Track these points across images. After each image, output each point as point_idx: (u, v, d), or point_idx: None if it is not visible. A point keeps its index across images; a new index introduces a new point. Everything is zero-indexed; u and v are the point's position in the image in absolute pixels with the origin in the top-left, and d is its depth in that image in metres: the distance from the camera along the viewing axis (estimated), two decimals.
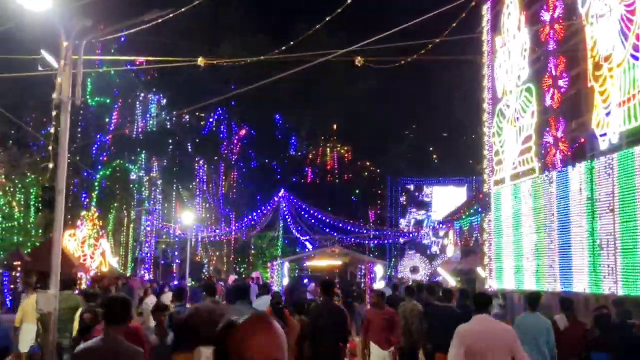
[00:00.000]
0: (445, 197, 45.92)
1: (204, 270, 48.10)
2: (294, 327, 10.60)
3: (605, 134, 17.53)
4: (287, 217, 42.35)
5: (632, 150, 16.28)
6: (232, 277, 35.36)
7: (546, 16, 21.13)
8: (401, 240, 46.47)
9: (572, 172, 19.15)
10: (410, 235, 46.26)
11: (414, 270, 45.24)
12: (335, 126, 55.65)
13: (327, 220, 42.79)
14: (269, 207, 42.21)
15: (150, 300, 18.73)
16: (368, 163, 56.73)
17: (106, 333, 4.97)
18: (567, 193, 19.41)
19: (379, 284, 38.56)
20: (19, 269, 28.15)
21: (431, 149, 54.41)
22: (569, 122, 19.90)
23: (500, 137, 24.50)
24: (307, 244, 45.86)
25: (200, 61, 13.74)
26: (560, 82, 20.18)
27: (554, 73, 20.52)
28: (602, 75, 17.75)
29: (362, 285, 40.98)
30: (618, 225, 16.89)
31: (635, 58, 16.15)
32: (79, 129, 35.90)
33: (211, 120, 47.67)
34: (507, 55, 24.09)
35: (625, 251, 16.59)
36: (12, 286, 28.10)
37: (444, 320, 12.22)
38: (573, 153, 19.78)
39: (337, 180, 55.62)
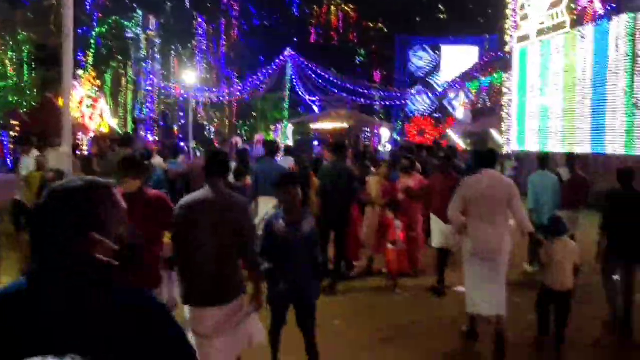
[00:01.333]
0: (455, 58, 44.05)
1: (205, 133, 47.23)
2: (315, 185, 10.26)
3: None
4: (293, 77, 40.73)
5: None
6: (237, 139, 34.47)
7: None
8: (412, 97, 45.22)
9: (610, 26, 17.66)
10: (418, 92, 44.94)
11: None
12: None
13: (335, 81, 41.21)
14: (274, 67, 40.48)
15: (157, 161, 17.79)
16: (373, 23, 54.25)
17: (212, 184, 4.86)
18: (603, 49, 18.02)
19: (386, 148, 37.82)
20: (17, 128, 27.14)
21: (440, 5, 51.74)
22: None
23: None
24: (314, 106, 44.58)
25: None
26: None
27: None
28: None
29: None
30: None
31: None
32: None
33: None
34: None
35: None
36: (12, 147, 27.22)
37: None
38: (611, 5, 18.15)
39: (342, 41, 53.42)
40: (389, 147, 38.48)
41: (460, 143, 35.62)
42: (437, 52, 46.29)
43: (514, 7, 23.78)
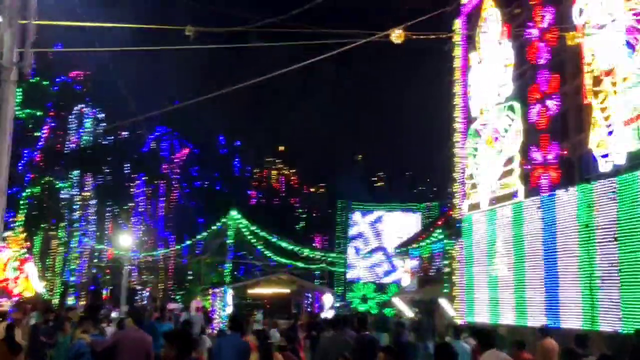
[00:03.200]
0: (397, 224, 44.22)
1: (136, 298, 44.85)
2: None
3: (607, 155, 15.94)
4: (233, 241, 39.68)
5: None
6: (174, 305, 32.55)
7: (533, 29, 19.62)
8: (351, 269, 44.43)
9: (565, 196, 17.49)
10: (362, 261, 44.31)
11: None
12: (282, 148, 53.55)
13: (278, 246, 40.36)
14: (214, 229, 39.45)
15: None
16: (314, 189, 54.75)
17: None
18: (558, 219, 17.73)
19: (328, 314, 36.32)
20: None
21: (382, 174, 52.87)
22: (560, 142, 18.31)
23: (475, 158, 22.81)
24: (254, 271, 43.27)
25: (188, 30, 11.37)
26: (550, 99, 18.62)
27: (543, 89, 18.96)
28: (603, 90, 16.21)
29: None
30: (621, 256, 15.27)
31: None
32: None
33: (152, 137, 44.87)
34: (485, 72, 22.52)
35: (630, 284, 14.95)
36: None
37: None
38: (565, 175, 18.15)
39: (282, 205, 53.38)
40: (331, 314, 37.06)
41: (407, 311, 34.49)
42: (378, 217, 46.36)
43: (462, 176, 23.83)
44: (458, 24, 24.83)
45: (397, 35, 10.68)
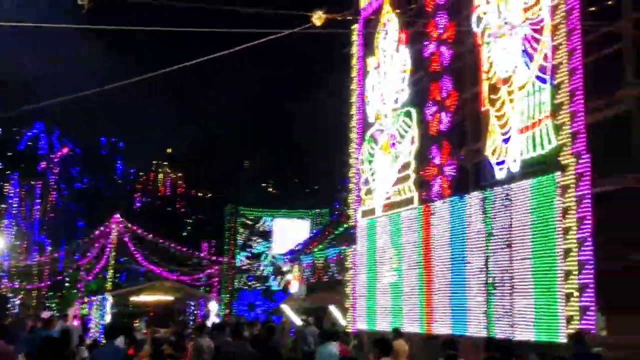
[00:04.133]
0: (288, 230, 43.61)
1: (8, 306, 41.75)
2: None
3: (502, 162, 16.06)
4: (114, 246, 37.49)
5: (537, 180, 14.85)
6: (48, 314, 30.30)
7: (431, 36, 19.65)
8: (240, 275, 43.34)
9: (460, 203, 17.53)
10: (250, 268, 43.30)
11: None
12: (169, 150, 51.78)
13: (162, 251, 38.66)
14: (95, 234, 37.25)
15: None
16: (203, 192, 53.30)
17: None
18: (453, 226, 17.74)
19: (213, 321, 35.16)
20: None
21: (272, 181, 52.20)
22: (456, 148, 18.35)
23: (371, 164, 22.62)
24: (137, 277, 41.29)
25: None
26: (447, 106, 18.66)
27: (440, 96, 19.00)
28: (499, 98, 16.36)
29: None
30: (514, 263, 15.40)
31: (542, 80, 14.85)
32: None
33: (29, 134, 41.94)
34: (383, 77, 22.43)
35: (522, 291, 15.07)
36: None
37: None
38: (461, 182, 18.18)
39: (169, 209, 51.55)
40: (216, 321, 35.90)
41: (295, 319, 33.95)
42: (268, 223, 45.54)
43: (357, 182, 23.60)
44: (356, 28, 24.65)
45: (316, 19, 10.05)
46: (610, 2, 13.45)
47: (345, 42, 25.11)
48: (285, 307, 36.00)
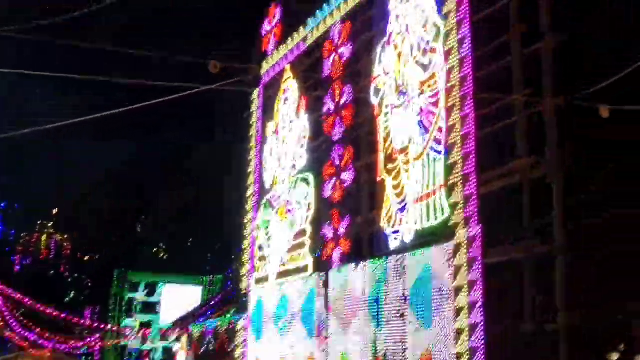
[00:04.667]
0: (178, 297, 41.96)
1: None
2: None
3: (397, 232, 16.08)
4: None
5: (430, 249, 14.90)
6: None
7: (331, 104, 19.79)
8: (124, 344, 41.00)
9: (355, 271, 17.33)
10: (134, 338, 41.09)
11: None
12: (55, 210, 49.38)
13: (42, 317, 36.13)
14: None
15: None
16: (90, 255, 50.83)
17: None
18: (348, 294, 17.47)
19: None
20: None
21: (163, 246, 50.55)
22: (352, 216, 18.26)
23: (266, 230, 22.20)
24: (10, 345, 38.24)
25: None
26: (345, 174, 18.66)
27: (337, 163, 19.00)
28: (396, 168, 16.52)
29: None
30: (407, 333, 15.21)
31: (437, 152, 15.11)
32: None
33: None
34: (282, 142, 22.31)
35: None
36: None
37: None
38: (356, 251, 18.01)
39: (52, 272, 48.68)
40: None
41: None
42: (157, 289, 43.70)
43: (252, 248, 23.07)
44: (256, 93, 24.61)
45: (212, 68, 9.72)
46: (502, 76, 13.93)
47: (245, 106, 25.03)
48: None
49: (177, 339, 37.48)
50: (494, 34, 14.23)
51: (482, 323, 13.26)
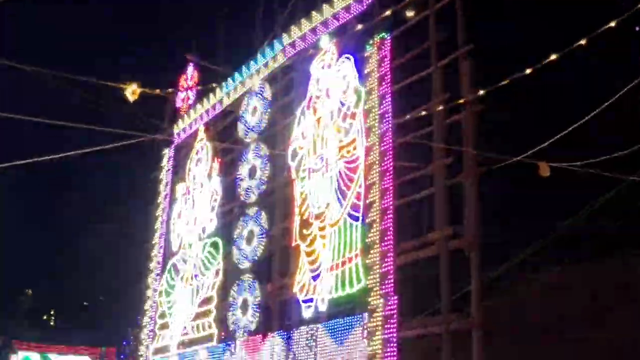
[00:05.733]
0: None
1: None
2: None
3: (310, 300, 15.35)
4: None
5: (343, 321, 14.25)
6: None
7: (244, 168, 19.16)
8: None
9: (264, 344, 16.38)
10: None
11: None
12: None
13: None
14: None
15: None
16: None
17: None
18: None
19: None
20: None
21: (53, 314, 47.40)
22: (264, 283, 17.42)
23: (169, 296, 20.94)
24: None
25: None
26: (256, 239, 17.90)
27: (250, 227, 18.24)
28: (311, 234, 15.93)
29: None
30: None
31: (355, 218, 14.68)
32: None
33: None
34: (191, 205, 21.39)
35: None
36: None
37: None
38: (265, 320, 17.10)
39: None
40: None
41: None
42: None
43: (152, 316, 21.65)
44: (167, 153, 23.72)
45: (129, 93, 8.88)
46: (422, 146, 13.81)
47: (153, 166, 24.09)
48: None
49: None
50: (417, 102, 14.18)
51: None
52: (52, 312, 46.95)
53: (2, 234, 46.98)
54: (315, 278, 15.33)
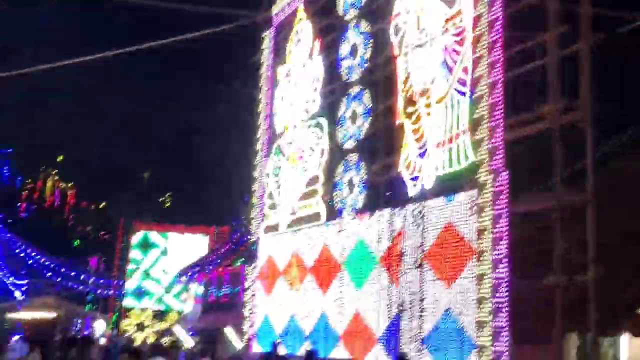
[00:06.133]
0: (184, 246, 41.41)
1: None
2: None
3: (417, 178, 15.28)
4: None
5: (452, 197, 14.14)
6: None
7: (346, 47, 18.79)
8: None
9: (371, 219, 16.62)
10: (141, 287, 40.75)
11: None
12: (60, 158, 48.71)
13: (47, 264, 35.65)
14: None
15: None
16: (94, 204, 50.31)
17: None
18: (362, 244, 16.80)
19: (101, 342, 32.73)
20: None
21: (169, 195, 49.96)
22: (369, 162, 17.44)
23: (276, 177, 21.45)
24: (17, 292, 37.96)
25: None
26: (359, 119, 17.78)
27: (352, 108, 18.10)
28: (416, 111, 15.62)
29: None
30: (425, 285, 14.56)
31: (461, 93, 14.20)
32: None
33: None
34: (293, 87, 21.38)
35: (432, 316, 14.24)
36: None
37: None
38: (371, 198, 17.25)
39: (56, 220, 48.22)
40: (103, 341, 33.59)
41: (187, 340, 32.16)
42: (163, 239, 43.03)
43: (261, 196, 22.34)
44: (267, 35, 23.57)
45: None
46: (535, 15, 12.95)
47: (255, 50, 24.05)
48: (177, 329, 34.09)
49: (186, 289, 37.24)
50: None
51: (507, 277, 12.60)
52: (168, 194, 49.62)
53: (118, 117, 49.13)
54: (421, 155, 15.16)
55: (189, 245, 40.78)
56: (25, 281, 36.81)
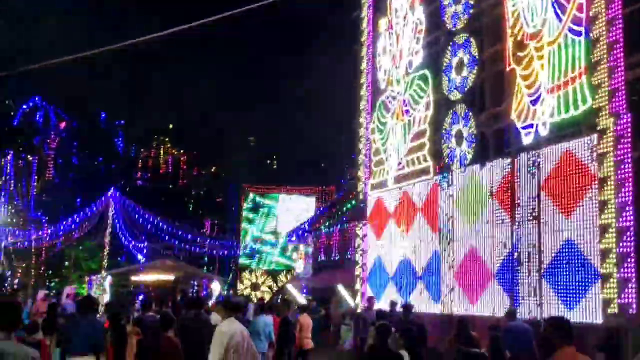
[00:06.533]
0: (292, 208, 42.09)
1: (6, 285, 40.55)
2: None
3: (530, 126, 14.54)
4: (116, 221, 35.83)
5: (568, 144, 13.38)
6: (42, 293, 29.11)
7: None
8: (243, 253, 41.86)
9: (482, 171, 16.06)
10: (255, 249, 41.86)
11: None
12: (170, 126, 50.35)
13: (164, 227, 37.17)
14: (93, 210, 35.69)
15: None
16: (205, 170, 51.86)
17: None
18: (474, 197, 16.29)
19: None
20: None
21: (275, 157, 50.69)
22: (477, 112, 16.82)
23: (382, 133, 21.12)
24: (139, 255, 39.91)
25: None
26: (466, 67, 17.11)
27: (457, 56, 17.44)
28: (527, 55, 14.80)
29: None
30: (543, 236, 13.95)
31: (577, 33, 13.30)
32: None
33: (25, 107, 40.50)
34: (395, 39, 20.86)
35: (552, 268, 13.65)
36: None
37: None
38: (481, 149, 16.66)
39: (171, 186, 50.15)
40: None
41: (299, 298, 32.71)
42: (272, 201, 43.93)
43: (367, 153, 22.11)
44: None
45: None
46: None
47: (354, 5, 23.61)
48: (290, 287, 34.76)
49: (295, 248, 37.90)
50: None
51: (632, 225, 11.85)
52: (274, 157, 50.50)
53: (226, 88, 50.11)
54: (534, 102, 14.40)
55: (298, 206, 41.40)
56: (145, 244, 38.58)
